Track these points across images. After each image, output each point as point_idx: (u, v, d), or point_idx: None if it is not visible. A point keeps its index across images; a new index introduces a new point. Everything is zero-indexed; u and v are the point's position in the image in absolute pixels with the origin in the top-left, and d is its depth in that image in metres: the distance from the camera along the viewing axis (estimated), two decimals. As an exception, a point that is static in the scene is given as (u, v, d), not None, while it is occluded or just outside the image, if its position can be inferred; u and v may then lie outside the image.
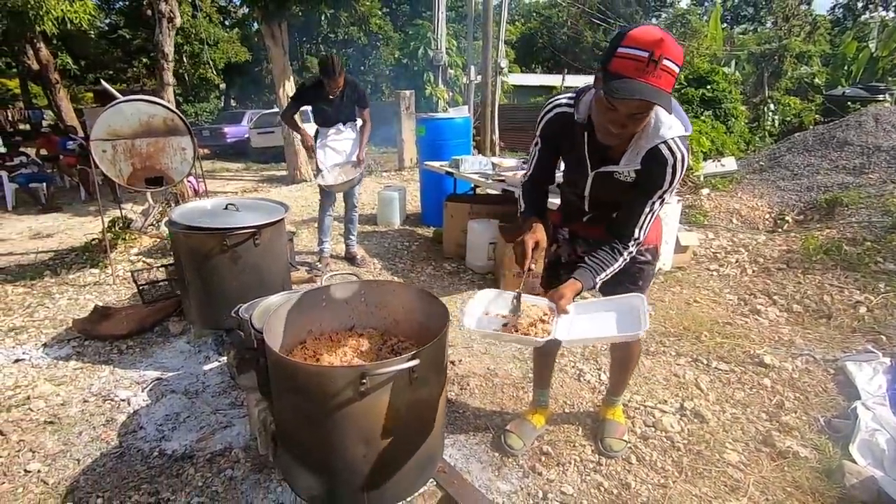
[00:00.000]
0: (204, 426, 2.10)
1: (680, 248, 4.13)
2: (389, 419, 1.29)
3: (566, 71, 16.66)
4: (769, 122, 12.81)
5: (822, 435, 2.09)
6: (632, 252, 1.56)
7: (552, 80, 20.52)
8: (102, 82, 4.38)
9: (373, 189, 8.48)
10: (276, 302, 1.85)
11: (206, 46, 15.50)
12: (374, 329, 1.81)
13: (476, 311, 1.57)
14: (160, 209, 5.16)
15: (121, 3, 21.10)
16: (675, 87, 7.59)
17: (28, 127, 20.64)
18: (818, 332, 3.06)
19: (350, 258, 4.30)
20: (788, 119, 13.67)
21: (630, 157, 1.44)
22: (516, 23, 27.15)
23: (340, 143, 3.83)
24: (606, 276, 1.54)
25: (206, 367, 2.53)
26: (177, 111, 3.46)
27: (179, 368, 2.55)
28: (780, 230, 5.13)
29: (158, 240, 4.55)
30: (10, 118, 21.46)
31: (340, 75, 3.54)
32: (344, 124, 3.84)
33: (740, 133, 10.40)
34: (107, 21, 20.79)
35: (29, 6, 10.62)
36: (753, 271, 4.05)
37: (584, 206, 1.70)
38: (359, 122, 3.94)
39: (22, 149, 10.60)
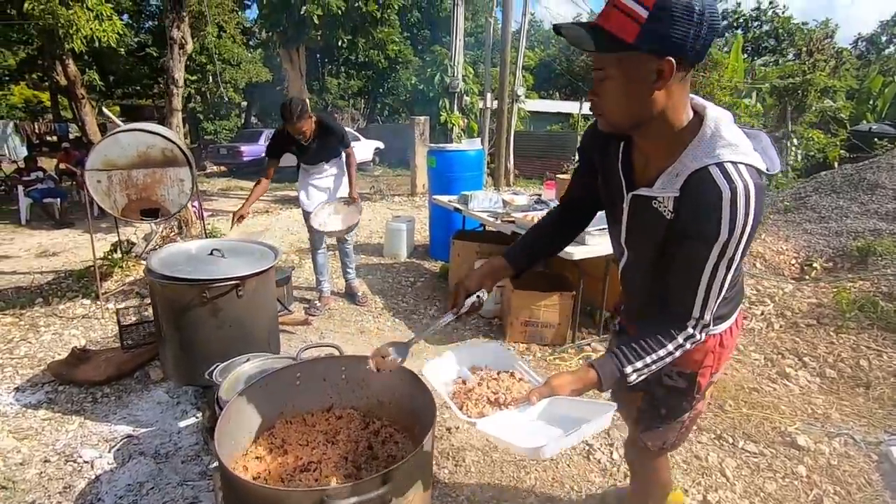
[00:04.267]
0: (167, 501, 1.89)
1: (701, 298, 3.87)
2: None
3: (584, 98, 16.59)
4: (792, 157, 12.50)
5: (869, 545, 1.81)
6: (694, 339, 1.07)
7: (569, 106, 20.46)
8: (104, 110, 4.33)
9: (383, 216, 8.36)
10: (249, 374, 1.66)
11: (215, 66, 15.83)
12: (355, 409, 1.60)
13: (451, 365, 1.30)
14: (163, 233, 5.06)
15: (149, 23, 21.71)
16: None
17: (55, 139, 21.25)
18: (856, 404, 2.77)
19: (350, 295, 4.11)
20: (812, 154, 13.35)
21: (668, 178, 1.03)
22: (535, 49, 27.33)
23: (323, 180, 3.68)
24: (644, 368, 1.06)
25: (182, 424, 2.34)
26: (177, 141, 3.35)
27: (154, 423, 2.37)
28: (807, 278, 4.83)
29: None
30: (37, 130, 22.10)
31: (301, 120, 3.21)
32: (327, 161, 3.67)
33: (763, 168, 10.10)
34: (136, 40, 21.38)
35: (59, 25, 10.97)
36: (781, 326, 3.76)
37: (619, 268, 1.31)
38: (341, 158, 3.75)
39: (42, 162, 10.78)
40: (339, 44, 7.77)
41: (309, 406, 1.56)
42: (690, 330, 1.06)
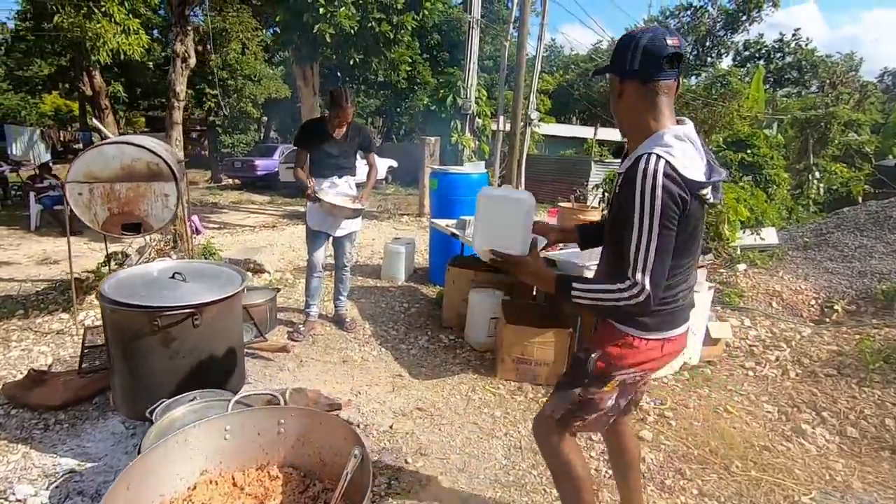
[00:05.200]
0: (94, 554, 1.70)
1: (710, 340, 3.61)
2: None
3: (599, 124, 16.46)
4: (814, 190, 12.12)
5: None
6: (631, 292, 1.26)
7: (585, 131, 20.36)
8: (94, 122, 4.31)
9: (387, 235, 8.22)
10: (182, 420, 1.48)
11: (236, 82, 16.20)
12: (295, 469, 1.40)
13: None
14: (157, 247, 4.96)
15: (177, 38, 22.31)
16: (713, 150, 7.26)
17: (80, 147, 21.83)
18: (880, 471, 2.48)
19: (338, 321, 3.93)
20: (835, 188, 12.97)
21: (627, 161, 1.37)
22: (554, 73, 27.43)
23: (334, 197, 3.54)
24: (586, 292, 1.34)
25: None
26: (164, 155, 3.24)
27: (102, 457, 2.19)
28: (828, 321, 4.53)
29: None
30: (62, 138, 22.73)
31: (351, 106, 3.38)
32: (340, 177, 3.56)
33: (782, 201, 9.82)
34: (163, 54, 21.99)
35: (87, 38, 11.34)
36: (797, 374, 3.48)
37: None
38: (356, 177, 3.68)
39: (60, 170, 10.93)
40: (352, 63, 7.75)
41: (241, 461, 1.37)
42: (628, 283, 1.26)
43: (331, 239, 3.66)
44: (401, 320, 4.17)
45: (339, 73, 21.64)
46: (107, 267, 5.02)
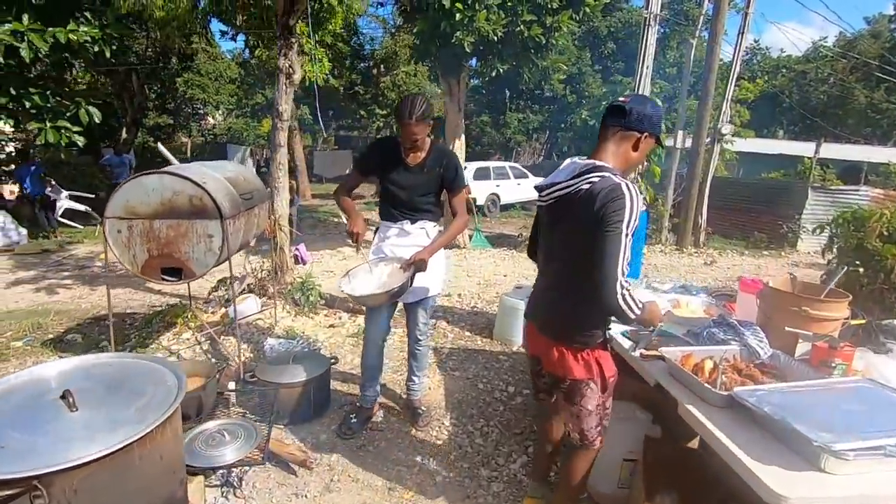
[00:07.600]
0: None
1: None
2: None
3: (823, 138, 12.84)
4: None
5: None
6: None
7: (798, 147, 16.33)
8: (159, 146, 4.05)
9: (525, 269, 7.04)
10: None
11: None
12: None
13: None
14: (256, 276, 4.62)
15: (361, 65, 24.44)
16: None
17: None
18: None
19: (410, 408, 2.93)
20: None
21: None
22: (758, 80, 22.98)
23: (403, 249, 2.56)
24: None
25: None
26: (209, 188, 2.66)
27: None
28: None
29: (222, 323, 3.91)
30: (265, 156, 26.81)
31: (419, 123, 2.31)
32: (413, 221, 2.57)
33: None
34: (349, 79, 24.35)
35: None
36: None
37: None
38: (438, 223, 2.66)
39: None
40: (495, 74, 6.84)
41: None
42: None
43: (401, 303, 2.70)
44: (496, 418, 2.99)
45: (505, 90, 21.23)
46: (219, 291, 4.85)
